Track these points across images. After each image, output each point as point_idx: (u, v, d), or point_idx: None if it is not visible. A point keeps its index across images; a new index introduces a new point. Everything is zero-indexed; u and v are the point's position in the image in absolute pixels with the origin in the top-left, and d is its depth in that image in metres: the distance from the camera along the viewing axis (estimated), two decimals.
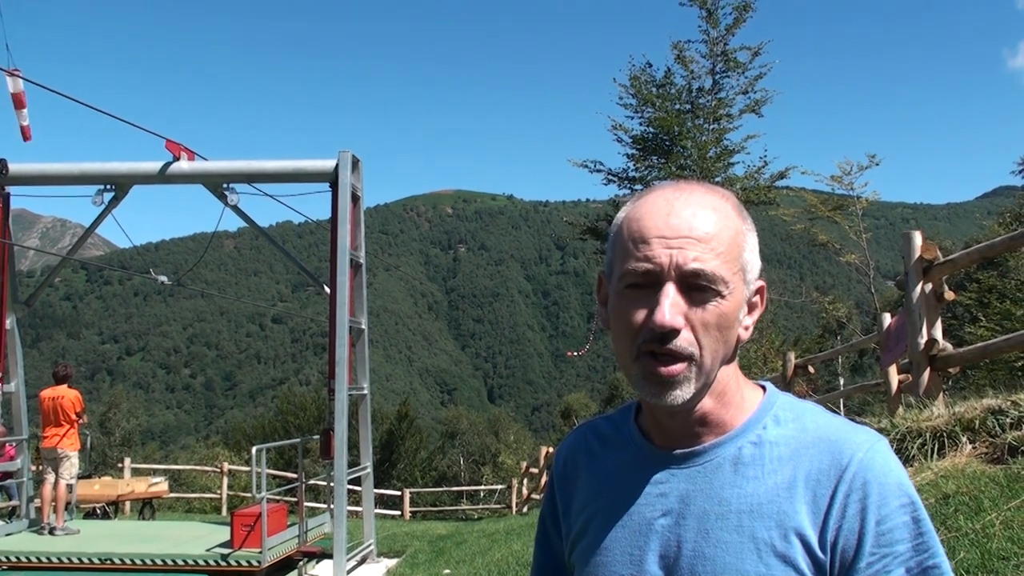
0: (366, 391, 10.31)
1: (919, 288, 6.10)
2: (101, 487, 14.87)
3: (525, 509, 19.61)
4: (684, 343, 1.02)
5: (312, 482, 12.80)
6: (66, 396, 10.01)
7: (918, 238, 6.20)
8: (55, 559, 8.67)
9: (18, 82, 9.11)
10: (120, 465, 19.86)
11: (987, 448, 4.53)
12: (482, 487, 31.17)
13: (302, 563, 9.24)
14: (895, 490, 1.02)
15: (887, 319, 7.56)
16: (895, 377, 7.38)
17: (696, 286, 1.03)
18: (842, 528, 1.01)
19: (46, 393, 10.07)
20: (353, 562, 9.37)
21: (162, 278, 11.92)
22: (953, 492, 4.04)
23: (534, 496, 19.67)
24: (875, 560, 1.00)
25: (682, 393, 1.03)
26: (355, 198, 9.77)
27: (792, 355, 10.85)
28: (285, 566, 9.02)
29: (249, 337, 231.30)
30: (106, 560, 8.56)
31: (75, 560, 8.62)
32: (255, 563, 8.30)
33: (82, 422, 10.34)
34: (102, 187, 9.94)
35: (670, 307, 1.01)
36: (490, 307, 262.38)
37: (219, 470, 20.59)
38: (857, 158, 22.38)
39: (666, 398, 1.04)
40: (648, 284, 1.03)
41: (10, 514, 12.45)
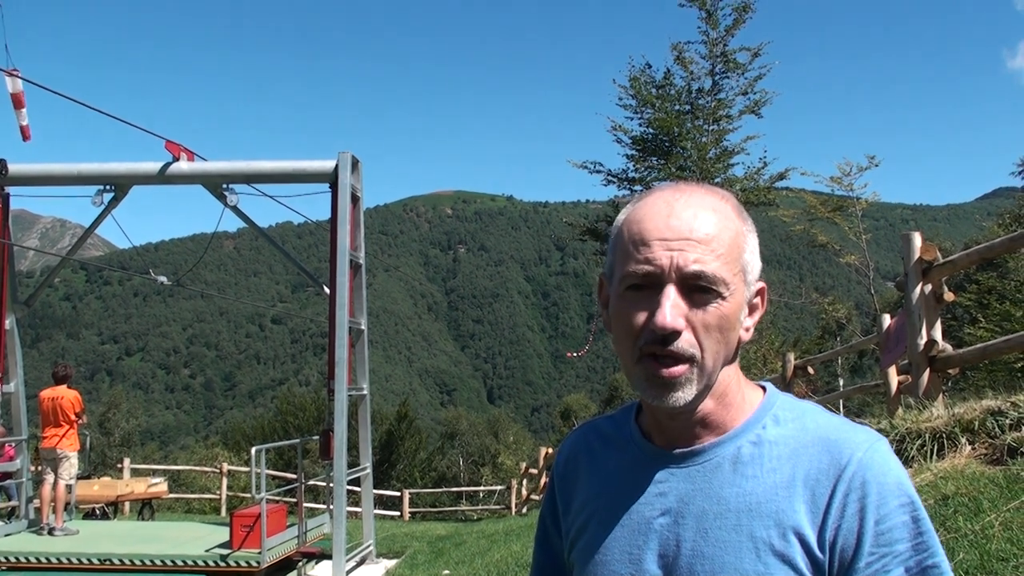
0: (366, 392, 10.31)
1: (919, 289, 6.10)
2: (100, 487, 14.86)
3: (524, 510, 19.60)
4: (685, 345, 1.02)
5: (311, 483, 12.80)
6: (65, 396, 10.01)
7: (918, 239, 6.20)
8: (54, 559, 8.66)
9: (17, 82, 9.10)
10: (119, 465, 19.84)
11: (986, 449, 4.53)
12: (481, 488, 31.17)
13: (301, 564, 9.23)
14: (894, 489, 1.02)
15: (887, 320, 7.57)
16: (894, 378, 7.39)
17: (697, 288, 1.03)
18: (841, 527, 1.01)
19: (45, 393, 10.07)
20: (352, 563, 9.36)
21: (162, 278, 11.92)
22: (952, 493, 4.04)
23: (533, 497, 19.67)
24: (874, 560, 1.00)
25: (684, 395, 1.03)
26: (355, 199, 9.77)
27: (792, 356, 10.86)
28: (284, 567, 9.01)
29: (249, 338, 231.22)
30: (105, 560, 8.56)
31: (74, 561, 8.61)
32: (254, 564, 8.29)
33: (81, 422, 10.34)
34: (102, 187, 9.94)
35: (671, 309, 1.01)
36: (490, 308, 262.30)
37: (218, 471, 20.57)
38: (857, 159, 22.42)
39: (668, 400, 1.04)
40: (649, 286, 1.03)
41: (9, 514, 12.45)
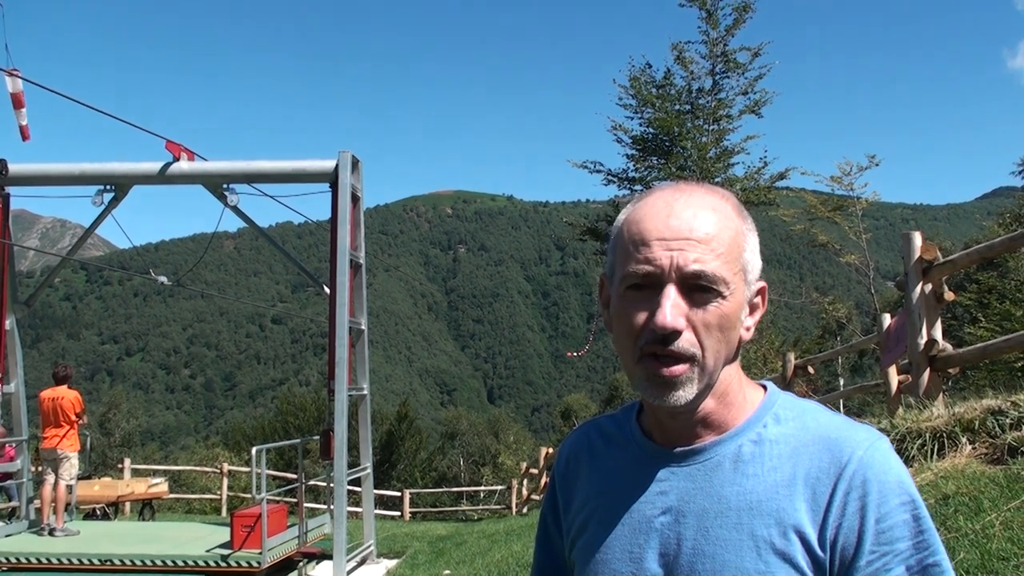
0: (366, 392, 10.31)
1: (919, 289, 6.10)
2: (101, 488, 14.86)
3: (525, 510, 19.60)
4: (686, 344, 1.02)
5: (312, 483, 12.80)
6: (66, 397, 10.01)
7: (918, 239, 6.20)
8: (55, 560, 8.66)
9: (17, 82, 9.10)
10: (120, 466, 19.85)
11: (987, 449, 4.53)
12: (482, 488, 31.16)
13: (302, 564, 9.23)
14: (895, 488, 1.02)
15: (887, 320, 7.57)
16: (895, 378, 7.39)
17: (697, 287, 1.03)
18: (842, 526, 1.01)
19: (46, 394, 10.07)
20: (353, 563, 9.36)
21: (162, 278, 11.92)
22: (953, 493, 4.04)
23: (534, 497, 19.67)
24: (875, 558, 1.00)
25: (685, 394, 1.04)
26: (355, 198, 9.77)
27: (792, 356, 10.86)
28: (285, 567, 9.01)
29: (249, 338, 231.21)
30: (106, 561, 8.56)
31: (75, 561, 8.61)
32: (255, 564, 8.29)
33: (82, 423, 10.34)
34: (102, 187, 9.93)
35: (671, 309, 1.01)
36: (490, 308, 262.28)
37: (219, 471, 20.57)
38: (857, 159, 22.39)
39: (669, 399, 1.04)
40: (649, 286, 1.04)
41: (10, 515, 12.45)
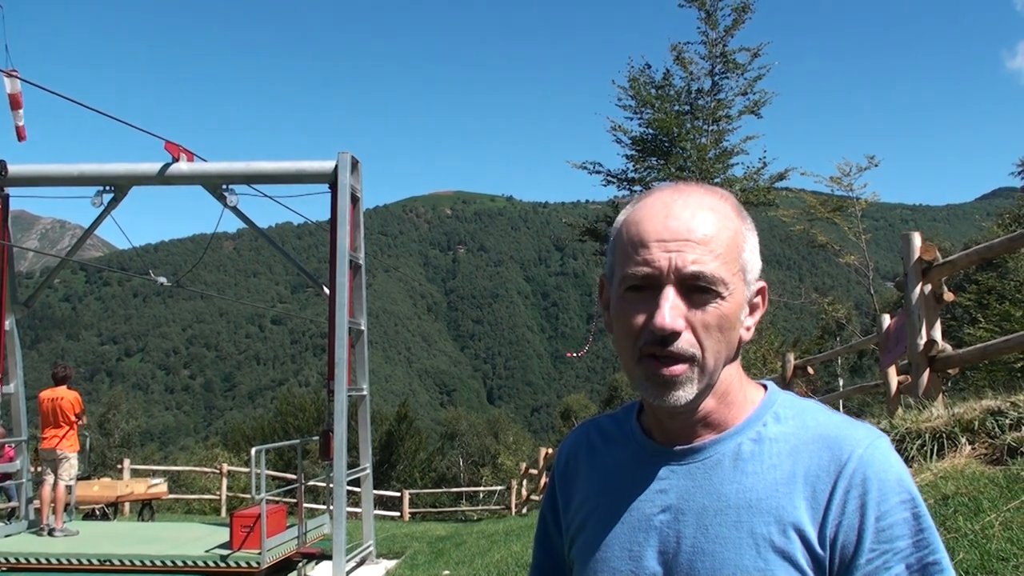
0: (365, 392, 10.30)
1: (918, 289, 6.10)
2: (100, 488, 14.85)
3: (524, 510, 19.59)
4: (685, 345, 1.02)
5: (311, 483, 12.81)
6: (65, 397, 10.01)
7: (917, 239, 6.20)
8: (54, 560, 8.66)
9: (16, 83, 9.10)
10: (119, 466, 19.83)
11: (986, 449, 4.53)
12: (481, 488, 31.17)
13: (301, 564, 9.23)
14: (895, 486, 1.02)
15: (886, 320, 7.57)
16: (894, 378, 7.39)
17: (696, 288, 1.03)
18: (842, 524, 1.01)
19: (45, 394, 10.07)
20: (352, 563, 9.36)
21: (161, 279, 11.92)
22: (952, 493, 4.04)
23: (533, 497, 19.67)
24: (875, 556, 1.00)
25: (684, 394, 1.04)
26: (354, 199, 9.77)
27: (791, 356, 10.86)
28: (284, 567, 9.01)
29: (248, 338, 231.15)
30: (105, 561, 8.56)
31: (74, 561, 8.61)
32: (254, 564, 8.29)
33: (81, 423, 10.34)
34: (101, 188, 9.93)
35: (670, 310, 1.01)
36: (489, 308, 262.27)
37: (218, 471, 20.56)
38: (856, 159, 22.41)
39: (669, 399, 1.04)
40: (648, 287, 1.04)
41: (9, 515, 12.45)
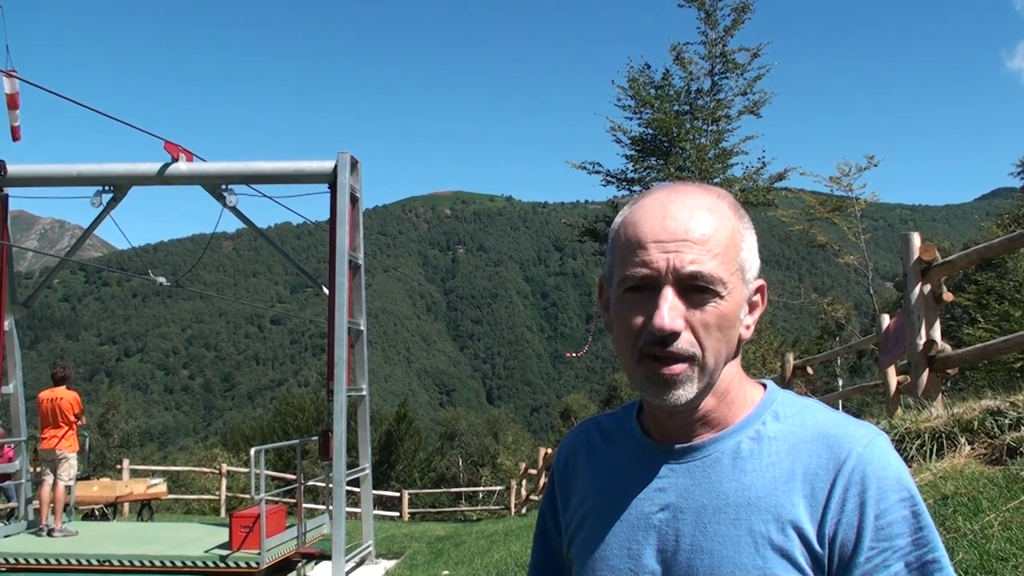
0: (365, 392, 10.30)
1: (918, 289, 6.10)
2: (100, 488, 14.84)
3: (524, 510, 19.59)
4: (685, 345, 1.03)
5: (311, 483, 12.81)
6: (65, 398, 10.00)
7: (917, 239, 6.20)
8: (53, 561, 8.66)
9: (14, 83, 9.11)
10: (119, 466, 19.81)
11: (986, 449, 4.53)
12: (481, 488, 31.16)
13: (301, 564, 9.23)
14: (894, 484, 1.02)
15: (886, 320, 7.58)
16: (894, 378, 7.39)
17: (695, 288, 1.03)
18: (841, 522, 1.01)
19: (45, 395, 10.07)
20: (352, 563, 9.36)
21: (161, 279, 11.92)
22: (952, 493, 4.04)
23: (533, 497, 19.66)
24: (874, 554, 1.00)
25: (685, 393, 1.04)
26: (354, 199, 9.77)
27: (791, 356, 10.87)
28: (284, 567, 9.01)
29: (248, 338, 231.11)
30: (104, 562, 8.56)
31: (73, 562, 8.61)
32: (254, 564, 8.29)
33: (81, 423, 10.34)
34: (100, 188, 9.92)
35: (669, 311, 1.01)
36: (489, 308, 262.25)
37: (218, 471, 20.55)
38: (856, 159, 22.39)
39: (669, 398, 1.04)
40: (647, 288, 1.04)
41: (9, 516, 12.45)
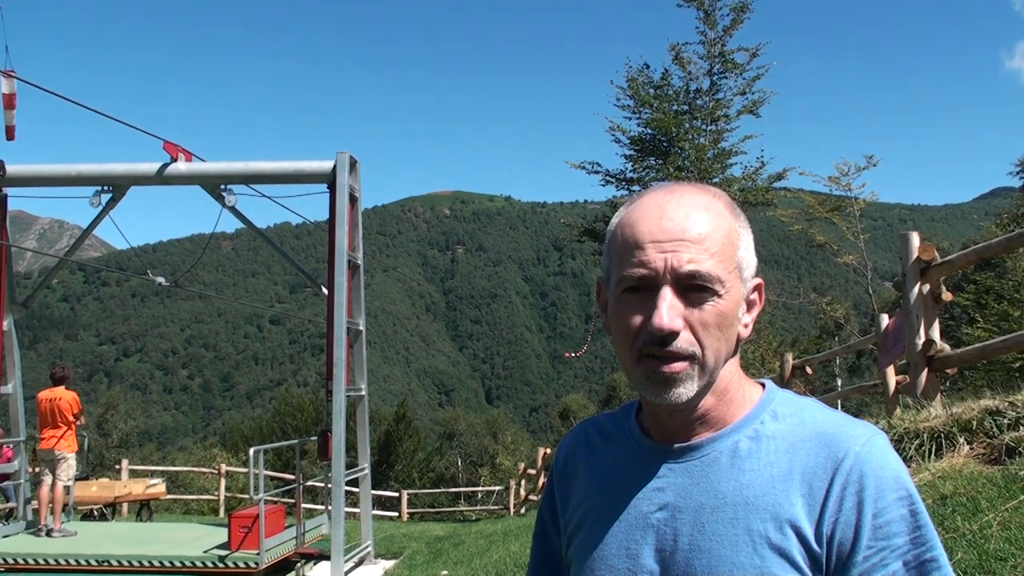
0: (364, 392, 10.29)
1: (917, 289, 6.10)
2: (99, 489, 14.83)
3: (523, 510, 19.59)
4: (684, 344, 1.03)
5: (310, 483, 12.80)
6: (63, 398, 10.00)
7: (916, 239, 6.20)
8: (52, 561, 8.65)
9: (12, 83, 9.11)
10: (117, 467, 19.79)
11: (984, 449, 4.53)
12: (480, 488, 31.16)
13: (300, 564, 9.22)
14: (892, 483, 1.02)
15: (885, 320, 7.57)
16: (893, 378, 7.39)
17: (693, 287, 1.03)
18: (839, 521, 1.01)
19: (43, 395, 10.06)
20: (351, 563, 9.35)
21: (160, 279, 11.91)
22: (951, 493, 4.04)
23: (532, 497, 19.66)
24: (872, 553, 1.00)
25: (685, 391, 1.04)
26: (353, 199, 9.76)
27: (790, 356, 10.86)
28: (283, 568, 9.00)
29: (247, 338, 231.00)
30: (103, 562, 8.55)
31: (72, 562, 8.60)
32: (253, 564, 8.29)
33: (80, 424, 10.33)
34: (100, 188, 9.92)
35: (667, 310, 1.02)
36: (488, 308, 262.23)
37: (217, 472, 20.55)
38: (855, 159, 22.43)
39: (669, 396, 1.04)
40: (645, 288, 1.04)
41: (7, 516, 12.45)
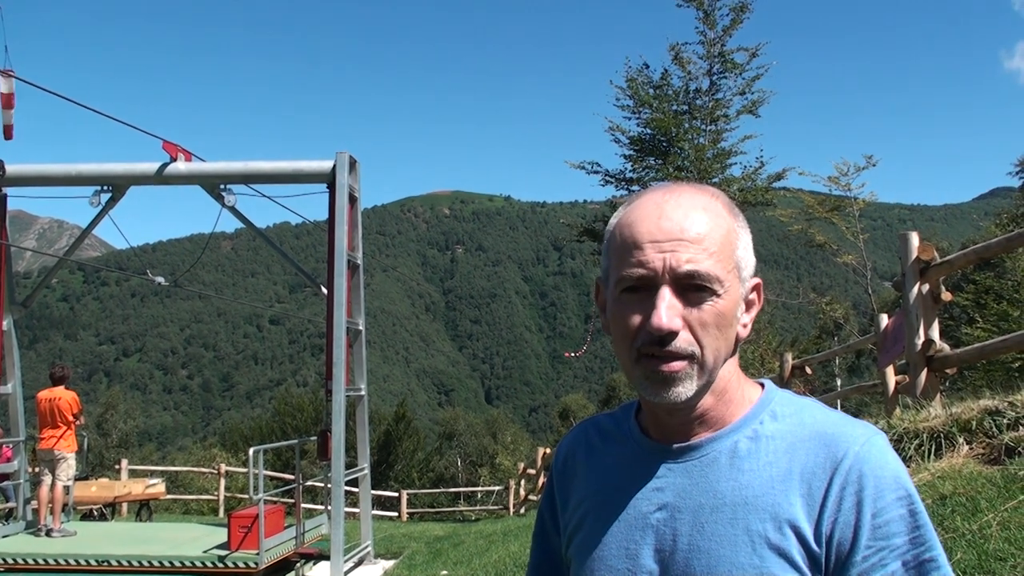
0: (363, 392, 10.29)
1: (916, 289, 6.10)
2: (98, 489, 14.82)
3: (522, 510, 19.59)
4: (683, 344, 1.03)
5: (309, 483, 12.80)
6: (63, 397, 9.99)
7: (915, 239, 6.20)
8: (52, 561, 8.65)
9: (11, 82, 9.12)
10: (117, 467, 19.78)
11: (984, 449, 4.53)
12: (479, 488, 31.15)
13: (299, 564, 9.22)
14: (891, 483, 1.02)
15: (884, 320, 7.57)
16: (892, 378, 7.40)
17: (692, 287, 1.03)
18: (838, 521, 1.01)
19: (43, 394, 10.06)
20: (350, 563, 9.35)
21: (159, 279, 11.91)
22: (950, 493, 4.04)
23: (531, 497, 19.66)
24: (871, 553, 1.00)
25: (684, 390, 1.04)
26: (352, 199, 9.77)
27: (789, 356, 10.85)
28: (282, 568, 9.00)
29: (246, 338, 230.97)
30: (103, 562, 8.55)
31: (72, 562, 8.60)
32: (252, 565, 8.29)
33: (79, 423, 10.33)
34: (99, 188, 9.92)
35: (666, 310, 1.02)
36: (487, 308, 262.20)
37: (216, 471, 20.55)
38: (854, 159, 22.46)
39: (668, 395, 1.04)
40: (644, 288, 1.04)
41: (7, 516, 12.44)
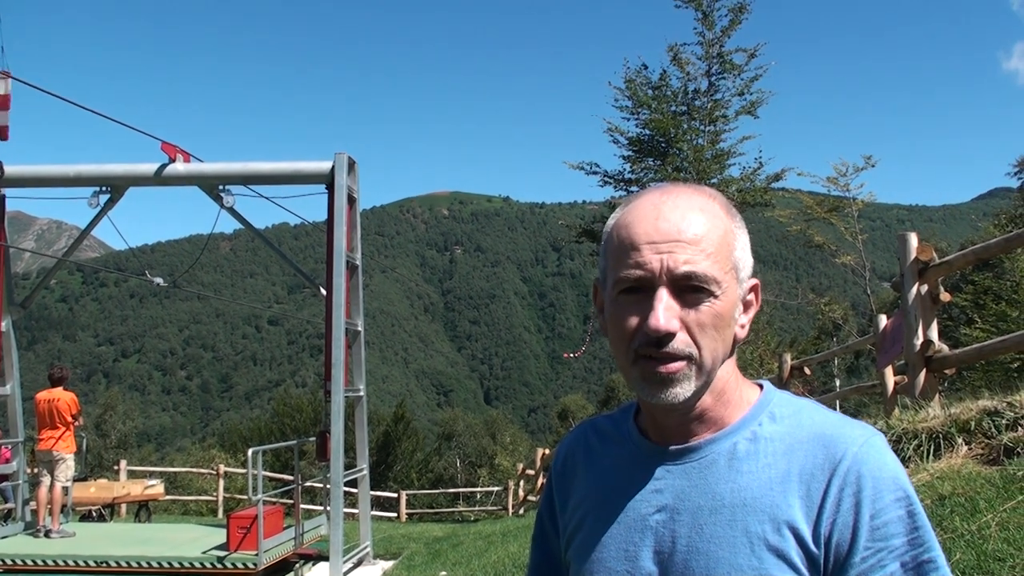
0: (362, 393, 10.30)
1: (915, 289, 6.11)
2: (97, 490, 14.81)
3: (521, 511, 19.59)
4: (681, 345, 1.03)
5: (308, 484, 12.79)
6: (62, 398, 9.99)
7: (914, 240, 6.20)
8: (51, 562, 8.64)
9: (7, 83, 9.13)
10: (116, 467, 19.79)
11: (983, 449, 4.53)
12: (478, 489, 31.15)
13: (298, 565, 9.22)
14: (890, 484, 1.02)
15: (883, 320, 7.57)
16: (891, 378, 7.40)
17: (689, 288, 1.03)
18: (836, 522, 1.01)
19: (42, 395, 10.05)
20: (349, 564, 9.36)
21: (158, 280, 11.90)
22: (949, 493, 4.04)
23: (530, 498, 19.67)
24: (870, 554, 1.00)
25: (682, 391, 1.04)
26: (351, 200, 9.77)
27: (788, 356, 10.85)
28: (281, 568, 9.00)
29: (245, 339, 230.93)
30: (102, 563, 8.54)
31: (71, 563, 8.59)
32: (251, 565, 8.28)
33: (78, 424, 10.32)
34: (98, 189, 9.93)
35: (664, 311, 1.02)
36: (486, 309, 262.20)
37: (215, 472, 20.56)
38: (853, 159, 22.49)
39: (666, 396, 1.04)
40: (641, 289, 1.04)
41: (6, 517, 12.43)
